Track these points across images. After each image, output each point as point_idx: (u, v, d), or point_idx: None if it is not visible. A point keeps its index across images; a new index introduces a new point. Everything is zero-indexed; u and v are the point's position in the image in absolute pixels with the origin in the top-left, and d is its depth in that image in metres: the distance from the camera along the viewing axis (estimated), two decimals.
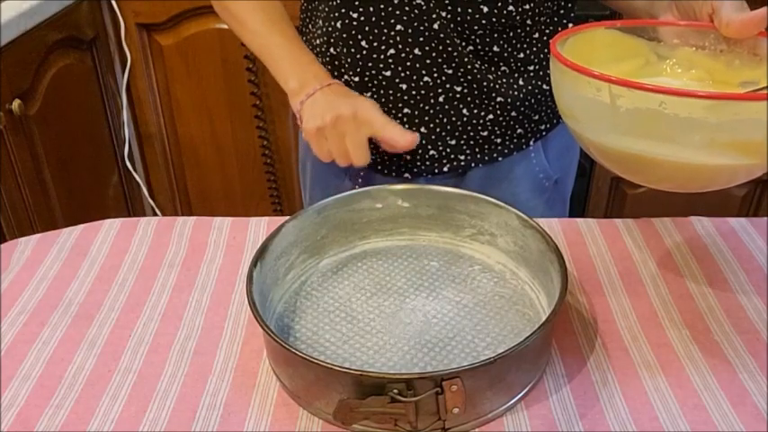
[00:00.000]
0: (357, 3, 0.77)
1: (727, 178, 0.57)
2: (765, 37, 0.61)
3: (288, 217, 0.70)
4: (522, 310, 0.67)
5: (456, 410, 0.53)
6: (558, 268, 0.61)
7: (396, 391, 0.51)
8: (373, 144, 0.85)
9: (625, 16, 0.80)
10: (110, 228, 0.81)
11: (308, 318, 0.67)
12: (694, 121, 0.51)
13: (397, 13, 0.76)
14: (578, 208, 1.70)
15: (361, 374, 0.52)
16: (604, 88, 0.53)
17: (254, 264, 0.63)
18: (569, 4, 0.83)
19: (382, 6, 0.76)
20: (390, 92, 0.81)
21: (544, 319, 0.58)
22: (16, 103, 1.30)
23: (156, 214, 1.89)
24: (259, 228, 0.80)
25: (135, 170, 1.79)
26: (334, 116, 0.74)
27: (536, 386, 0.59)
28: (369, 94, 0.82)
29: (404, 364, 0.61)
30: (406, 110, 0.82)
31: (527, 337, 0.55)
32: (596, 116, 0.57)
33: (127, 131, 1.74)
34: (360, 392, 0.52)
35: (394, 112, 0.82)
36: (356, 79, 0.81)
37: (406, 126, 0.83)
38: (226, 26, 1.70)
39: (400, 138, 0.76)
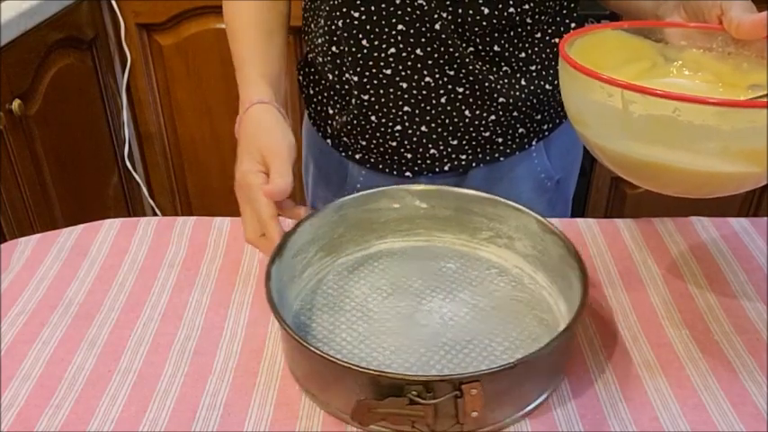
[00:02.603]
0: (359, 2, 0.77)
1: (736, 185, 0.57)
2: None
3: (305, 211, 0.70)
4: (540, 315, 0.66)
5: (475, 414, 0.53)
6: (579, 274, 0.60)
7: (414, 392, 0.51)
8: (374, 143, 0.85)
9: (629, 18, 0.80)
10: (110, 228, 0.81)
11: (324, 316, 0.66)
12: (708, 129, 0.50)
13: (399, 12, 0.76)
14: (578, 208, 1.70)
15: (379, 375, 0.52)
16: (617, 93, 0.52)
17: (271, 261, 0.63)
18: (572, 4, 0.83)
19: (383, 6, 0.76)
20: (391, 90, 0.81)
21: (562, 324, 0.57)
22: (16, 103, 1.30)
23: (156, 214, 1.89)
24: None
25: (135, 170, 1.79)
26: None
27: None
28: (367, 96, 0.82)
29: (420, 366, 0.60)
30: (406, 108, 0.82)
31: (548, 343, 0.54)
32: (607, 122, 0.56)
33: (127, 131, 1.74)
34: (378, 393, 0.52)
35: (395, 110, 0.82)
36: (356, 78, 0.81)
37: (407, 124, 0.83)
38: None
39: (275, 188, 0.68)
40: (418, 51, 0.78)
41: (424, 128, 0.83)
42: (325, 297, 0.69)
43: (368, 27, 0.78)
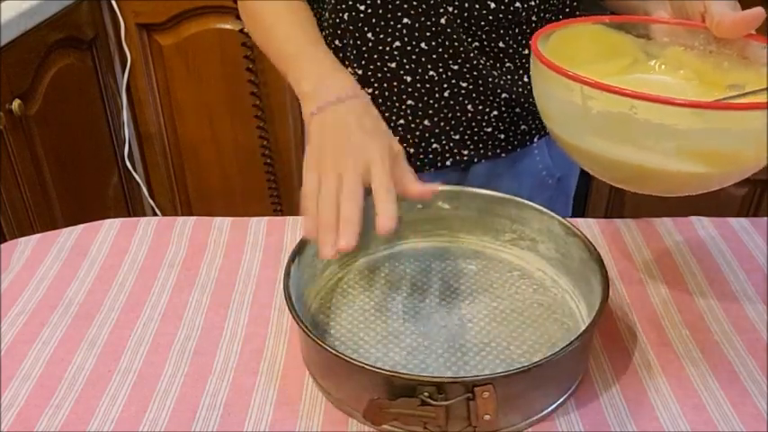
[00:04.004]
0: None
1: (697, 185, 0.57)
2: (755, 40, 0.60)
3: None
4: (561, 319, 0.66)
5: (487, 417, 0.53)
6: (600, 279, 0.60)
7: (426, 394, 0.51)
8: None
9: (621, 13, 0.80)
10: (110, 228, 0.81)
11: (342, 315, 0.66)
12: (664, 128, 0.50)
13: (405, 6, 0.76)
14: (578, 208, 1.69)
15: (392, 375, 0.52)
16: (576, 89, 0.53)
17: (291, 259, 0.63)
18: (575, 3, 0.84)
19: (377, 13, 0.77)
20: (395, 83, 0.81)
21: (583, 329, 0.56)
22: (16, 103, 1.30)
23: (156, 214, 1.89)
24: (259, 228, 0.80)
25: (135, 170, 1.79)
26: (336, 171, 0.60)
27: None
28: (371, 89, 0.82)
29: (437, 367, 0.60)
30: (409, 101, 0.82)
31: (563, 347, 0.54)
32: (569, 116, 0.56)
33: (127, 131, 1.74)
34: (390, 393, 0.52)
35: (398, 104, 0.82)
36: (360, 72, 0.82)
37: (410, 118, 0.83)
38: (226, 26, 1.71)
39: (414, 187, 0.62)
40: (423, 45, 0.78)
41: (426, 122, 0.83)
42: (345, 296, 0.69)
43: (373, 20, 0.78)
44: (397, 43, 0.79)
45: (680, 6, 0.65)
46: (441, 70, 0.80)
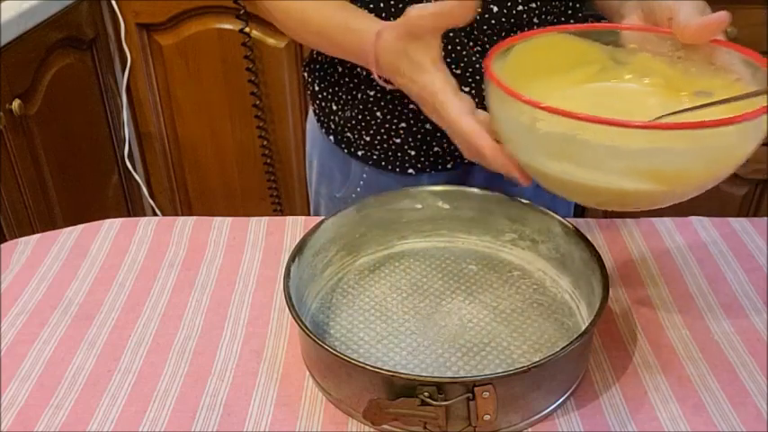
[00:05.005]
0: None
1: (650, 202, 0.57)
2: (723, 45, 0.60)
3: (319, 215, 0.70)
4: (561, 318, 0.66)
5: (487, 417, 0.53)
6: (600, 278, 0.60)
7: (426, 394, 0.51)
8: (377, 139, 0.85)
9: (605, 17, 0.80)
10: (110, 228, 0.81)
11: (342, 315, 0.66)
12: (607, 148, 0.50)
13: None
14: (578, 208, 1.69)
15: (392, 375, 0.52)
16: (525, 110, 0.53)
17: (291, 259, 0.63)
18: (577, 4, 0.83)
19: (392, 3, 0.76)
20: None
21: (583, 329, 0.57)
22: (16, 103, 1.30)
23: (156, 214, 1.89)
24: (259, 228, 0.80)
25: (135, 170, 1.79)
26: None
27: None
28: (373, 92, 0.82)
29: (437, 367, 0.60)
30: (411, 105, 0.82)
31: (563, 347, 0.54)
32: (519, 136, 0.57)
33: (127, 131, 1.74)
34: (390, 393, 0.52)
35: (400, 107, 0.82)
36: (364, 73, 0.82)
37: (412, 121, 0.83)
38: (226, 26, 1.70)
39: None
40: None
41: (428, 125, 0.83)
42: (345, 296, 0.69)
43: None
44: None
45: (650, 12, 0.64)
46: None
